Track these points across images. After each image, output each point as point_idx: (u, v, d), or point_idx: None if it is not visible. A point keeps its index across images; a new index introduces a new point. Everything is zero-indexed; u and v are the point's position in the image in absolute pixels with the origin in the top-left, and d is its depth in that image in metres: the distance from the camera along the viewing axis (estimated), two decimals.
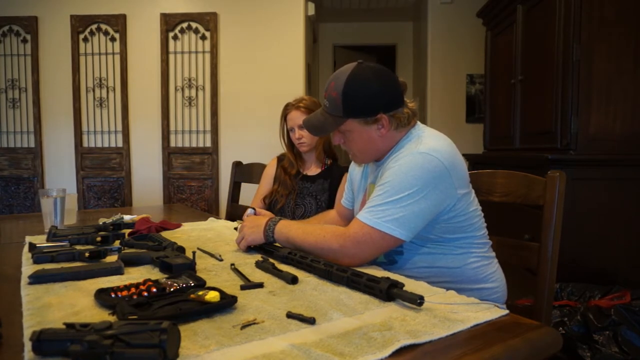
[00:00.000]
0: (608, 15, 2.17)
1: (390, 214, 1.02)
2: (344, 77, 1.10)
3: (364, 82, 1.10)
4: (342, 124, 1.13)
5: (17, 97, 3.98)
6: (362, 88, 1.09)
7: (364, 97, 1.09)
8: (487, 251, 1.18)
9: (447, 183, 1.05)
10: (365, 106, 1.10)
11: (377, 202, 1.05)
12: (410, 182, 1.03)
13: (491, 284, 1.15)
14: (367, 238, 1.03)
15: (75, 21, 3.90)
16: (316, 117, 1.19)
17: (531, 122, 2.68)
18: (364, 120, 1.11)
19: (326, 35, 6.01)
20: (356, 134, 1.14)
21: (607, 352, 1.65)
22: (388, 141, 1.16)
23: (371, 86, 1.10)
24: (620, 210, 2.14)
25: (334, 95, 1.11)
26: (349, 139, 1.16)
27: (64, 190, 1.63)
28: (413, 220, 1.03)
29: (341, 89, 1.09)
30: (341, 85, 1.09)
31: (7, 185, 3.99)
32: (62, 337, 0.58)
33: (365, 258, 1.05)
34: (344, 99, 1.09)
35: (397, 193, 1.03)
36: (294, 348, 0.62)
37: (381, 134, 1.13)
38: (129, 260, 1.08)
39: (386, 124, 1.12)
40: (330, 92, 1.12)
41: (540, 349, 0.70)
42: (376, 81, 1.10)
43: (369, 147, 1.16)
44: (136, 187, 4.01)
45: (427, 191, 1.03)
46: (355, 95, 1.09)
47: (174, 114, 3.97)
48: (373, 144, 1.15)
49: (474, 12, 3.67)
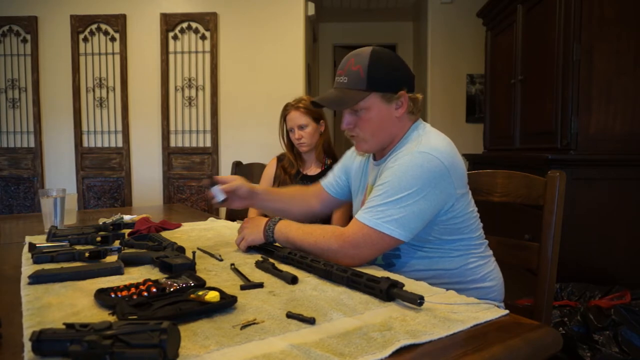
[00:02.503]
0: (608, 15, 2.17)
1: (389, 214, 1.01)
2: (366, 53, 1.09)
3: (387, 57, 1.11)
4: (364, 99, 1.09)
5: (17, 97, 3.98)
6: (387, 63, 1.10)
7: (388, 71, 1.09)
8: (484, 251, 1.18)
9: (446, 182, 1.04)
10: (390, 80, 1.09)
11: (377, 202, 1.04)
12: (410, 182, 1.02)
13: (489, 283, 1.15)
14: (367, 239, 1.02)
15: (75, 21, 3.90)
16: (331, 93, 1.14)
17: (531, 122, 2.68)
18: (387, 95, 1.10)
19: (326, 35, 6.01)
20: (374, 112, 1.11)
21: (607, 352, 1.65)
22: (401, 126, 1.14)
23: (394, 62, 1.11)
24: (620, 210, 2.14)
25: (356, 69, 1.08)
26: (364, 118, 1.12)
27: (64, 190, 1.63)
28: (413, 220, 1.02)
29: (366, 62, 1.08)
30: (365, 59, 1.08)
31: (7, 185, 3.99)
32: (61, 337, 0.58)
33: (365, 258, 1.05)
34: (370, 71, 1.07)
35: (396, 193, 1.02)
36: (294, 348, 0.62)
37: (399, 113, 1.12)
38: (129, 260, 1.08)
39: (405, 102, 1.12)
40: (350, 67, 1.10)
41: (540, 349, 0.69)
42: (397, 59, 1.13)
43: (383, 129, 1.13)
44: (136, 187, 4.01)
45: (427, 191, 1.02)
46: (380, 68, 1.08)
47: (174, 114, 3.97)
48: (389, 125, 1.13)
49: (474, 12, 3.67)
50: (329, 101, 1.14)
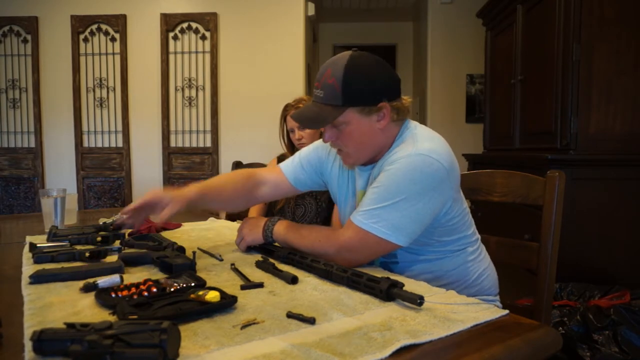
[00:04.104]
0: (608, 15, 2.17)
1: (385, 218, 0.98)
2: (342, 62, 1.01)
3: (364, 67, 1.01)
4: (341, 115, 1.02)
5: (17, 97, 3.98)
6: (363, 74, 1.01)
7: (365, 83, 1.01)
8: (478, 246, 1.18)
9: (446, 186, 1.01)
10: (367, 93, 1.01)
11: (373, 205, 1.00)
12: (408, 186, 0.98)
13: (484, 282, 1.16)
14: (363, 243, 1.00)
15: (75, 21, 3.90)
16: (308, 109, 1.07)
17: (531, 122, 2.68)
18: (365, 109, 1.02)
19: (326, 35, 6.01)
20: (354, 126, 1.03)
21: (607, 352, 1.65)
22: (386, 136, 1.07)
23: (372, 72, 1.02)
24: (620, 210, 2.14)
25: (331, 82, 1.01)
26: (345, 133, 1.05)
27: (64, 190, 1.63)
28: (410, 225, 0.99)
29: (341, 75, 1.00)
30: (340, 70, 1.00)
31: (7, 185, 4.00)
32: (62, 337, 0.58)
33: (362, 262, 1.04)
34: (344, 85, 1.00)
35: (394, 197, 0.98)
36: (294, 348, 0.62)
37: (381, 125, 1.04)
38: (129, 260, 1.08)
39: (387, 113, 1.03)
40: (326, 80, 1.02)
41: (540, 349, 0.70)
42: (377, 67, 1.03)
43: (366, 142, 1.06)
44: (136, 187, 4.01)
45: (426, 195, 0.98)
46: (356, 81, 1.00)
47: (174, 114, 3.97)
48: (372, 138, 1.06)
49: (474, 12, 3.67)
50: (307, 119, 1.08)
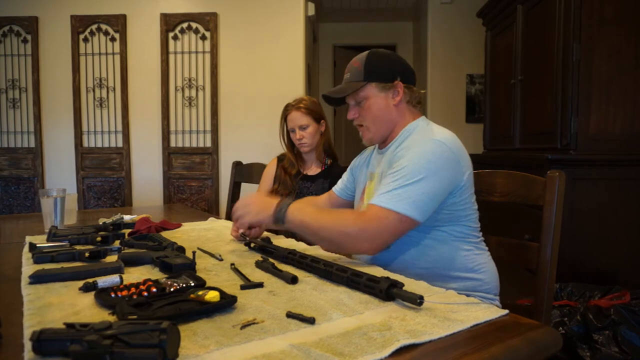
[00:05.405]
0: (608, 15, 2.17)
1: (406, 197, 1.05)
2: (366, 52, 1.25)
3: (384, 53, 1.26)
4: (362, 88, 1.22)
5: (17, 97, 3.98)
6: (382, 56, 1.25)
7: (384, 63, 1.23)
8: (479, 243, 1.21)
9: (457, 165, 1.11)
10: (384, 71, 1.22)
11: (393, 187, 1.07)
12: (425, 166, 1.07)
13: (481, 275, 1.16)
14: (386, 221, 1.04)
15: (75, 21, 3.90)
16: (336, 87, 1.28)
17: (531, 122, 2.68)
18: (382, 85, 1.21)
19: (326, 35, 6.00)
20: (372, 100, 1.22)
21: (607, 352, 1.65)
22: (400, 115, 1.24)
23: (390, 57, 1.26)
24: (620, 210, 2.14)
25: (356, 65, 1.24)
26: (365, 107, 1.24)
27: (64, 190, 1.63)
28: (427, 202, 1.06)
29: (364, 58, 1.23)
30: (364, 56, 1.24)
31: (7, 185, 3.99)
32: (62, 337, 0.58)
33: (385, 242, 1.06)
34: (366, 64, 1.22)
35: (412, 177, 1.06)
36: (294, 348, 0.62)
37: (395, 102, 1.22)
38: (129, 260, 1.08)
39: (401, 91, 1.22)
40: (352, 65, 1.26)
41: (540, 348, 0.70)
42: (394, 55, 1.28)
43: (382, 117, 1.23)
44: (136, 187, 4.01)
45: (440, 174, 1.08)
46: (376, 62, 1.23)
47: (174, 114, 3.97)
48: (387, 113, 1.23)
49: (474, 12, 3.67)
50: (333, 92, 1.29)
